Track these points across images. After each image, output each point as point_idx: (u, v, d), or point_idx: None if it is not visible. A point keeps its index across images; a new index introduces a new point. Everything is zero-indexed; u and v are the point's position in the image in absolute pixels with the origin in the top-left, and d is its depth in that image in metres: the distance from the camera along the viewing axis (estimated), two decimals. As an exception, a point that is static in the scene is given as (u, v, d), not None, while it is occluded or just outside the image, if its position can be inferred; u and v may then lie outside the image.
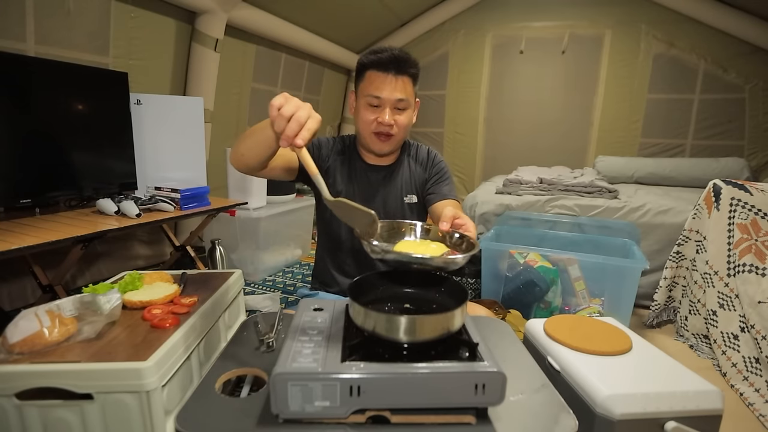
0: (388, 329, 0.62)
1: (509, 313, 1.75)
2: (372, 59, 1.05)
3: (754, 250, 1.62)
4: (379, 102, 1.05)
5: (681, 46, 3.81)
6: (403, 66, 1.04)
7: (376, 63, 1.04)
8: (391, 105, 1.05)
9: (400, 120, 1.07)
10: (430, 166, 1.23)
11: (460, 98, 4.67)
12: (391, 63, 1.03)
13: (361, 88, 1.09)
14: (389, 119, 1.05)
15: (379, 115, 1.06)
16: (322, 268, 1.25)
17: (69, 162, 1.87)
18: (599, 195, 2.52)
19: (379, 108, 1.06)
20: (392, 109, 1.06)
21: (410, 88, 1.07)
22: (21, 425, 0.78)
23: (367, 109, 1.07)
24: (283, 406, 0.56)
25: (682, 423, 0.78)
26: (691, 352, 1.74)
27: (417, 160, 1.24)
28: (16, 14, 1.86)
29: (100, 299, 0.92)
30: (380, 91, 1.04)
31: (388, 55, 1.03)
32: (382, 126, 1.06)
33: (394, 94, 1.04)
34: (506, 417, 0.60)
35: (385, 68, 1.03)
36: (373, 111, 1.06)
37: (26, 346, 0.80)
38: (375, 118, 1.06)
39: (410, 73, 1.06)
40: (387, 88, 1.04)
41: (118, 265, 2.43)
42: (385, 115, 1.05)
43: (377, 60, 1.04)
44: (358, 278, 0.76)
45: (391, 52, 1.04)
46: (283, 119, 0.67)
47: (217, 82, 2.87)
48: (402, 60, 1.04)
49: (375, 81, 1.04)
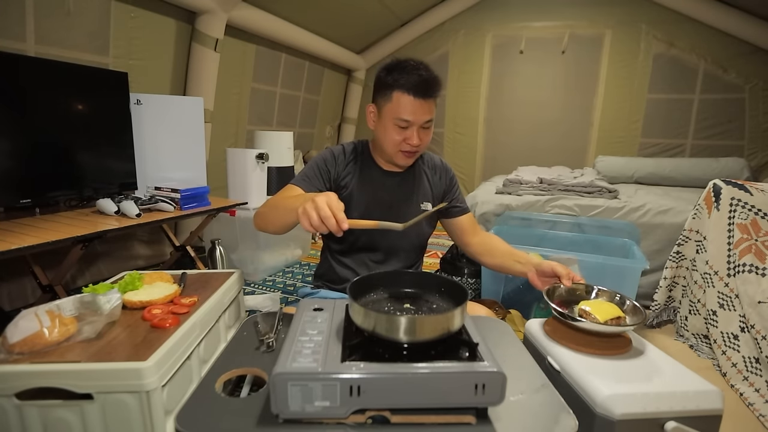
0: (388, 329, 0.62)
1: (509, 313, 1.75)
2: (401, 82, 1.01)
3: (754, 250, 1.62)
4: (408, 125, 1.05)
5: (681, 46, 3.81)
6: (434, 89, 1.03)
7: (406, 86, 1.01)
8: (419, 126, 1.05)
9: (426, 138, 1.09)
10: (446, 177, 1.25)
11: (460, 98, 4.67)
12: (424, 88, 1.01)
13: (387, 108, 1.06)
14: (417, 140, 1.06)
15: (408, 137, 1.06)
16: (327, 267, 1.25)
17: (69, 162, 1.87)
18: (599, 195, 2.52)
19: (408, 129, 1.06)
20: (419, 129, 1.06)
21: (434, 107, 1.07)
22: (21, 425, 0.78)
23: (395, 129, 1.06)
24: (283, 406, 0.56)
25: (682, 423, 0.78)
26: (691, 352, 1.74)
27: (431, 167, 1.25)
28: (16, 14, 1.86)
29: (100, 299, 0.92)
30: (412, 115, 1.03)
31: (420, 80, 1.01)
32: (411, 146, 1.07)
33: (423, 116, 1.04)
34: (506, 417, 0.60)
35: (417, 93, 1.01)
36: (401, 132, 1.06)
37: (26, 346, 0.80)
38: (403, 139, 1.06)
39: (438, 94, 1.06)
40: (418, 112, 1.03)
41: (118, 265, 2.43)
42: (414, 137, 1.05)
43: (406, 83, 1.01)
44: (358, 278, 0.76)
45: (419, 74, 1.01)
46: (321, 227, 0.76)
47: (217, 82, 2.87)
48: (432, 83, 1.03)
49: (405, 105, 1.02)
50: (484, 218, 2.47)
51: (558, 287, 1.07)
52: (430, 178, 1.23)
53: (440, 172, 1.25)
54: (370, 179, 1.17)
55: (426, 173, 1.23)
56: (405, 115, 1.03)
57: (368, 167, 1.18)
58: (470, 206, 2.54)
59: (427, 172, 1.24)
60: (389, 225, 0.79)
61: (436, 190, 1.23)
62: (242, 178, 2.60)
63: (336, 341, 0.66)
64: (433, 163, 1.26)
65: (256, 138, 2.99)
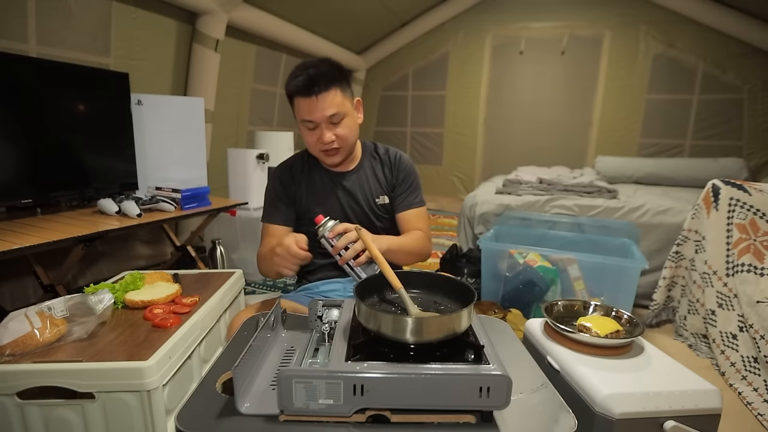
0: (395, 330, 0.62)
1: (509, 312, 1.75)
2: (293, 86, 1.05)
3: (753, 250, 1.62)
4: (314, 124, 1.07)
5: (680, 47, 3.82)
6: (323, 83, 1.03)
7: (297, 89, 1.04)
8: (325, 122, 1.06)
9: (340, 132, 1.09)
10: (396, 169, 1.24)
11: (460, 98, 4.68)
12: (310, 85, 1.03)
13: (295, 114, 1.10)
14: (329, 136, 1.07)
15: (320, 135, 1.08)
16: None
17: (70, 162, 1.88)
18: (599, 195, 2.53)
19: (317, 128, 1.08)
20: (328, 125, 1.07)
21: (339, 98, 1.06)
22: (23, 424, 0.79)
23: (307, 132, 1.10)
24: (287, 403, 0.56)
25: (680, 422, 0.78)
26: (690, 351, 1.75)
27: (380, 161, 1.25)
28: (17, 15, 1.87)
29: (92, 299, 0.92)
30: (310, 113, 1.05)
31: (305, 78, 1.03)
32: (325, 144, 1.08)
33: (324, 112, 1.04)
34: (506, 416, 0.60)
35: (306, 92, 1.03)
36: (313, 133, 1.09)
37: (17, 347, 0.80)
38: (317, 139, 1.09)
39: (334, 85, 1.05)
40: (316, 110, 1.04)
41: (119, 265, 2.44)
42: (324, 135, 1.07)
43: (297, 86, 1.04)
44: (365, 278, 0.76)
45: (307, 73, 1.03)
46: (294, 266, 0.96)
47: (217, 83, 2.87)
48: (319, 77, 1.03)
49: (303, 106, 1.05)
50: (484, 218, 2.48)
51: (556, 304, 1.09)
52: (379, 172, 1.23)
53: (391, 166, 1.24)
54: (321, 184, 1.19)
55: (376, 168, 1.24)
56: (305, 116, 1.06)
57: (317, 172, 1.20)
58: (470, 206, 2.55)
59: (376, 166, 1.24)
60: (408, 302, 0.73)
61: (384, 183, 1.23)
62: (243, 178, 2.60)
63: (342, 340, 0.66)
64: (387, 158, 1.25)
65: (257, 138, 2.99)
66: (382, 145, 1.28)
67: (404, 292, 0.73)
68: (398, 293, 0.74)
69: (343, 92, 1.07)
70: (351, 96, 1.12)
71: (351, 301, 0.79)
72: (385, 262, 0.79)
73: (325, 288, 1.17)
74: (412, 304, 0.72)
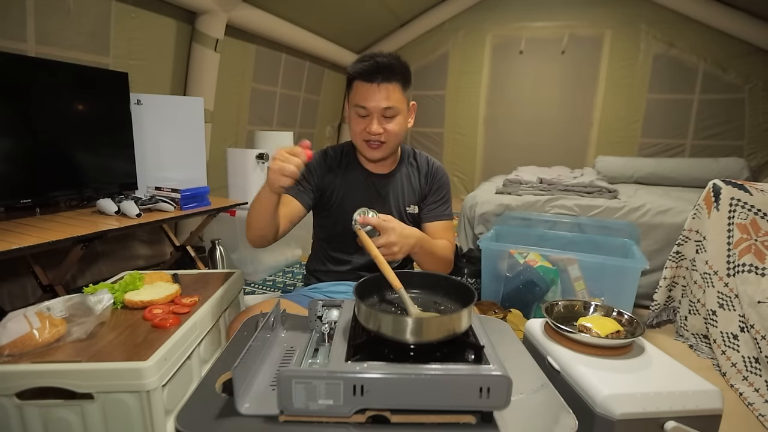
0: (394, 330, 0.62)
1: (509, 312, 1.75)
2: (357, 69, 1.04)
3: (754, 250, 1.62)
4: (366, 112, 1.05)
5: (681, 46, 3.81)
6: (388, 73, 1.02)
7: (361, 73, 1.03)
8: (378, 113, 1.04)
9: (390, 128, 1.06)
10: (432, 179, 1.22)
11: (460, 98, 4.68)
12: (374, 72, 1.01)
13: (350, 97, 1.09)
14: (377, 128, 1.05)
15: (368, 125, 1.05)
16: (317, 260, 1.26)
17: (69, 162, 1.87)
18: (599, 195, 2.52)
19: (368, 117, 1.06)
20: (380, 117, 1.05)
21: (398, 95, 1.05)
22: (21, 425, 0.79)
23: (356, 119, 1.07)
24: (287, 404, 0.56)
25: (681, 423, 0.78)
26: (691, 352, 1.74)
27: (417, 168, 1.23)
28: (16, 14, 1.86)
29: (91, 300, 0.92)
30: (366, 101, 1.03)
31: (371, 64, 1.02)
32: (371, 135, 1.06)
33: (380, 102, 1.03)
34: (506, 417, 0.60)
35: (369, 78, 1.02)
36: (362, 121, 1.07)
37: (16, 347, 0.80)
38: (364, 128, 1.06)
39: (397, 79, 1.04)
40: (373, 98, 1.03)
41: (118, 265, 2.44)
42: (373, 125, 1.05)
43: (361, 69, 1.03)
44: (365, 278, 0.76)
45: (375, 60, 1.02)
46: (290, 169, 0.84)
47: (217, 82, 2.87)
48: (386, 67, 1.02)
49: (361, 91, 1.04)
50: (484, 218, 2.48)
51: (556, 304, 1.09)
52: (415, 180, 1.22)
53: (427, 175, 1.22)
54: (355, 182, 1.17)
55: (412, 175, 1.22)
56: (360, 101, 1.04)
57: (353, 169, 1.18)
58: (470, 206, 2.55)
59: (413, 174, 1.22)
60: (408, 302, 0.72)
61: (418, 191, 1.21)
62: (242, 178, 2.60)
63: (342, 340, 0.66)
64: (425, 166, 1.23)
65: (257, 138, 2.99)
66: (421, 152, 1.26)
67: (404, 293, 0.73)
68: (398, 293, 0.73)
69: (404, 90, 1.06)
70: (409, 97, 1.10)
71: (351, 302, 0.79)
72: (384, 262, 0.79)
73: (333, 288, 1.17)
74: (412, 305, 0.72)
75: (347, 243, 1.18)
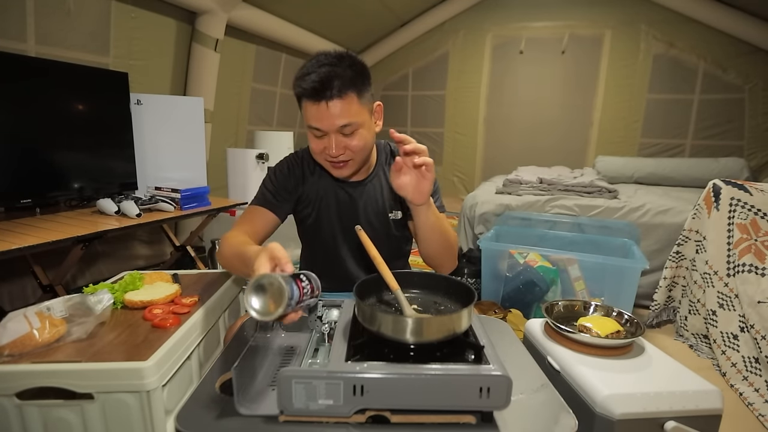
0: (395, 330, 0.62)
1: (509, 312, 1.75)
2: (299, 89, 0.91)
3: (754, 250, 1.62)
4: (321, 133, 0.92)
5: (681, 46, 3.81)
6: (336, 87, 0.87)
7: (305, 91, 0.89)
8: (335, 132, 0.92)
9: (353, 144, 0.93)
10: None
11: (460, 98, 4.67)
12: (320, 89, 0.87)
13: (303, 117, 0.95)
14: (337, 150, 0.93)
15: (326, 146, 0.93)
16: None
17: (69, 162, 1.87)
18: (599, 195, 2.52)
19: (324, 138, 0.93)
20: (338, 137, 0.92)
21: (355, 107, 0.90)
22: (21, 425, 0.79)
23: (314, 139, 0.95)
24: (287, 404, 0.56)
25: (681, 423, 0.78)
26: (691, 352, 1.74)
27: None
28: (16, 14, 1.86)
29: (91, 300, 0.91)
30: (319, 121, 0.90)
31: (314, 80, 0.87)
32: (332, 156, 0.94)
33: (335, 121, 0.89)
34: (506, 417, 0.60)
35: (316, 97, 0.88)
36: (320, 141, 0.94)
37: (16, 348, 0.80)
38: (323, 148, 0.94)
39: (349, 89, 0.89)
40: (323, 118, 0.89)
41: (118, 265, 2.44)
42: (331, 147, 0.92)
43: (305, 87, 0.89)
44: (365, 278, 0.76)
45: (318, 73, 0.87)
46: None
47: (217, 82, 2.87)
48: (332, 79, 0.87)
49: (311, 111, 0.90)
50: (484, 218, 2.48)
51: (556, 304, 1.08)
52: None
53: None
54: (333, 192, 1.07)
55: (387, 176, 1.09)
56: (313, 122, 0.91)
57: (324, 178, 1.08)
58: (470, 206, 2.55)
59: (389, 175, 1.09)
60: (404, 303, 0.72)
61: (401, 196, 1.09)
62: (242, 178, 2.60)
63: (342, 340, 0.66)
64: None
65: (256, 138, 2.99)
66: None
67: (401, 293, 0.72)
68: (394, 294, 0.73)
69: (360, 99, 0.91)
70: (370, 101, 0.96)
71: (351, 302, 0.79)
72: (383, 263, 0.78)
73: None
74: (408, 306, 0.71)
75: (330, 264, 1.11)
